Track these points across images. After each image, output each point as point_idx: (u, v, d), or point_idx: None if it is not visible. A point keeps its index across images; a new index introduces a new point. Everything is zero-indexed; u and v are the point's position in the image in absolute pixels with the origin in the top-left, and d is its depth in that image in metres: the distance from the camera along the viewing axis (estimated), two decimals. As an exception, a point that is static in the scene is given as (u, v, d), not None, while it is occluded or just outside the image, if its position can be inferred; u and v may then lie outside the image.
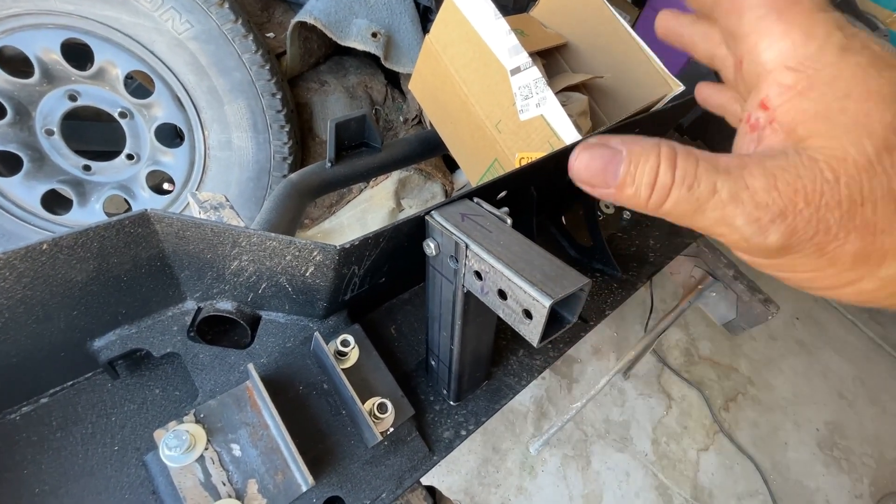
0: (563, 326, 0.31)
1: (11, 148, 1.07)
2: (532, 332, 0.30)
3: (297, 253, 0.33)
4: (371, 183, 1.25)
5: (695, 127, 0.93)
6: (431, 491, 0.47)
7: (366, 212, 1.23)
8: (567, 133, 0.54)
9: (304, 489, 0.35)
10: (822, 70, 0.19)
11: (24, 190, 1.11)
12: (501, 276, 0.31)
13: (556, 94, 0.56)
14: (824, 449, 1.73)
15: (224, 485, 0.34)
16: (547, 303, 0.27)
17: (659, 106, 0.65)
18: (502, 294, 0.31)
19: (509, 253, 0.32)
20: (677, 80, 0.63)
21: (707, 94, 0.31)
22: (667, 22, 0.29)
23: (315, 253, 0.33)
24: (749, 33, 0.21)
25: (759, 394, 1.82)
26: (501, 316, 0.32)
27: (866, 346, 2.12)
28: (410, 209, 1.27)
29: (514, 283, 0.30)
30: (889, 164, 0.18)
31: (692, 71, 0.67)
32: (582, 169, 0.21)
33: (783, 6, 0.20)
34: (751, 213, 0.18)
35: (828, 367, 1.97)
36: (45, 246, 0.26)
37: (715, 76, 0.30)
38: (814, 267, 0.19)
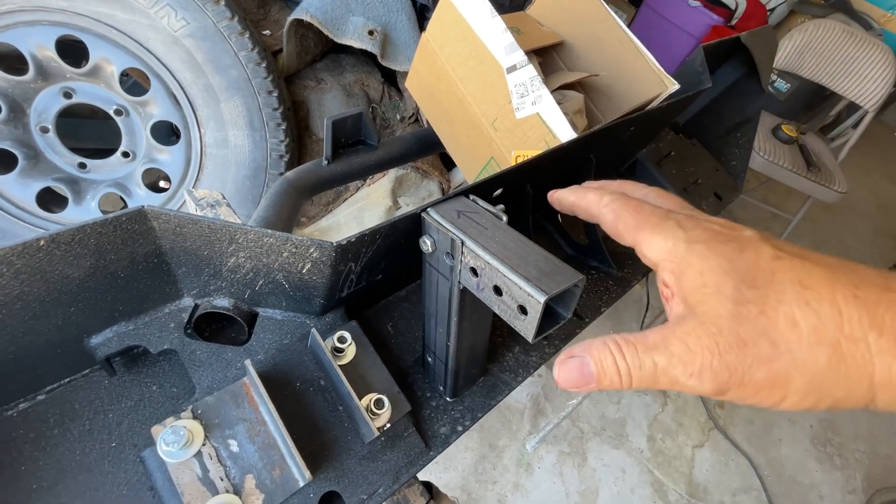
0: (558, 322, 0.31)
1: (6, 145, 1.06)
2: (527, 327, 0.30)
3: (293, 250, 0.33)
4: (368, 181, 1.25)
5: (690, 125, 0.93)
6: (428, 486, 0.47)
7: (363, 210, 1.23)
8: (563, 131, 0.54)
9: (302, 484, 0.35)
10: (682, 259, 0.26)
11: (19, 188, 1.10)
12: (497, 272, 0.31)
13: (552, 92, 0.57)
14: (818, 445, 1.75)
15: (222, 480, 0.34)
16: (541, 298, 0.28)
17: (654, 104, 0.66)
18: (498, 290, 0.32)
19: (505, 249, 0.32)
20: (672, 79, 0.64)
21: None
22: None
23: (312, 250, 0.33)
24: (634, 245, 0.29)
25: (754, 391, 1.84)
26: (497, 312, 0.33)
27: (859, 344, 2.14)
28: (407, 207, 1.27)
29: (509, 279, 0.30)
30: (746, 313, 0.24)
31: (687, 70, 0.67)
32: (567, 382, 0.27)
33: (640, 224, 0.29)
34: (684, 371, 0.24)
35: (821, 364, 1.99)
36: (42, 242, 0.26)
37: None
38: (749, 395, 0.24)
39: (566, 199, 0.36)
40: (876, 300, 0.22)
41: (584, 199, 0.34)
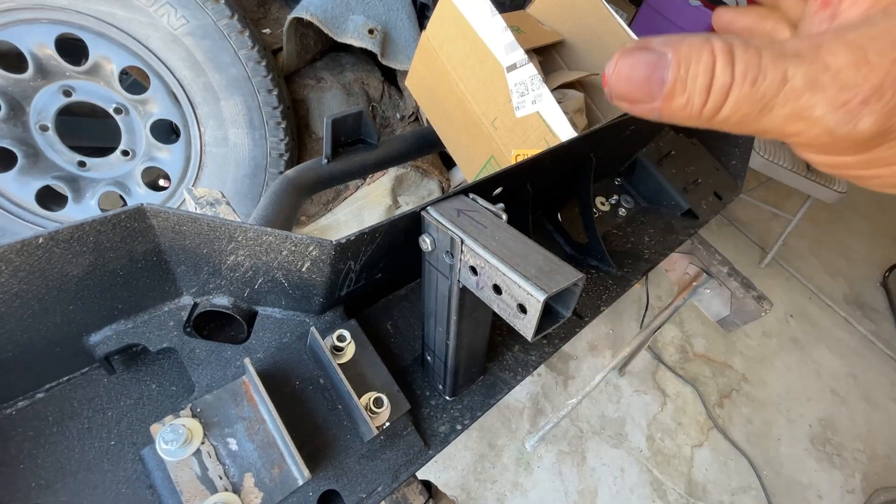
0: (558, 321, 0.31)
1: (5, 144, 1.06)
2: (526, 326, 0.30)
3: (293, 248, 0.33)
4: (367, 180, 1.25)
5: (690, 125, 0.93)
6: (427, 485, 0.47)
7: (362, 209, 1.23)
8: (562, 130, 0.54)
9: (301, 483, 0.35)
10: None
11: (19, 186, 1.10)
12: (496, 270, 0.31)
13: (552, 91, 0.57)
14: (817, 445, 1.75)
15: (221, 478, 0.34)
16: (541, 297, 0.28)
17: (654, 103, 0.65)
18: (497, 289, 0.32)
19: (504, 248, 0.32)
20: (672, 78, 0.64)
21: (728, 20, 0.27)
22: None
23: (311, 248, 0.33)
24: None
25: (753, 390, 1.84)
26: (496, 311, 0.33)
27: (859, 344, 2.14)
28: (407, 206, 1.27)
29: (508, 277, 0.30)
30: None
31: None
32: (622, 81, 0.17)
33: None
34: (836, 98, 0.15)
35: (821, 363, 1.99)
36: (41, 240, 0.26)
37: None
38: None
39: None
40: None
41: None
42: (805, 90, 0.15)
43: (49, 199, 1.15)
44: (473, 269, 0.33)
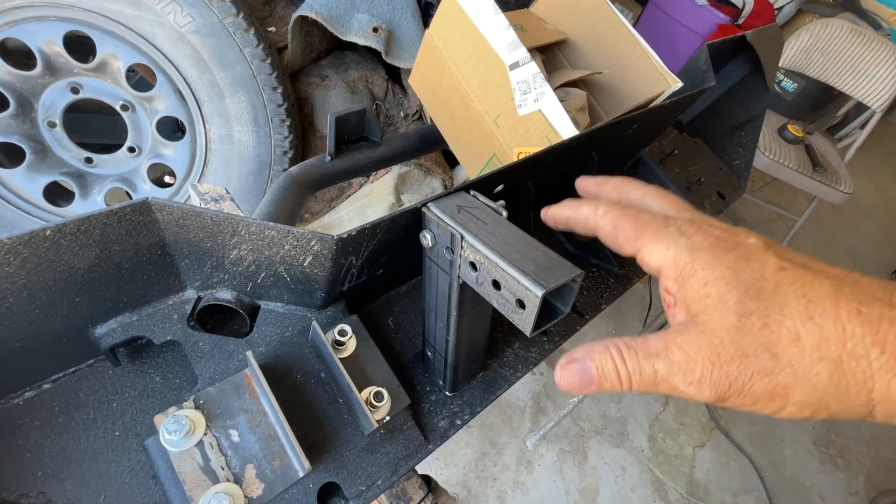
0: (556, 317, 0.31)
1: (14, 140, 1.07)
2: (525, 321, 0.30)
3: (295, 242, 0.34)
4: (371, 178, 1.25)
5: (694, 124, 0.93)
6: (427, 480, 0.48)
7: (366, 206, 1.24)
8: (565, 128, 0.54)
9: (301, 475, 0.35)
10: (684, 268, 0.26)
11: (27, 181, 1.11)
12: (495, 266, 0.31)
13: (555, 89, 0.57)
14: (820, 446, 1.74)
15: (223, 469, 0.34)
16: (539, 292, 0.28)
17: (657, 102, 0.66)
18: (496, 284, 0.32)
19: (504, 244, 0.32)
20: (675, 77, 0.64)
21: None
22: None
23: (313, 242, 0.34)
24: (634, 254, 0.29)
25: (757, 391, 1.83)
26: (496, 306, 0.33)
27: (864, 346, 2.12)
28: (410, 204, 1.27)
29: (507, 273, 0.30)
30: (749, 325, 0.24)
31: (691, 68, 0.67)
32: (568, 386, 0.28)
33: (639, 234, 0.28)
34: (685, 379, 0.24)
35: (825, 365, 1.98)
36: (48, 232, 0.27)
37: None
38: (748, 403, 0.24)
39: (560, 214, 0.35)
40: (879, 316, 0.22)
41: (579, 213, 0.33)
42: (668, 376, 0.25)
43: (56, 194, 1.16)
44: (473, 265, 0.33)
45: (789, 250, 0.26)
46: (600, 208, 0.31)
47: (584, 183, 0.40)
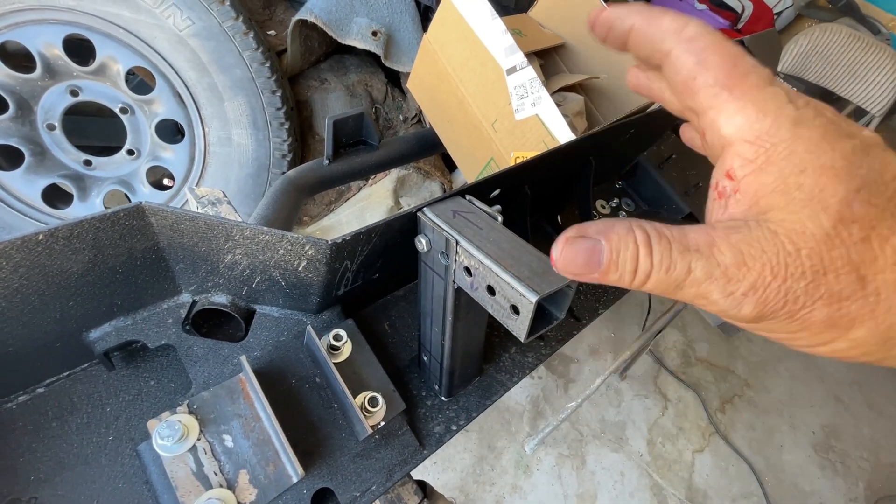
0: (551, 323, 0.31)
1: (13, 142, 1.07)
2: (519, 327, 0.30)
3: (289, 247, 0.34)
4: (370, 181, 1.25)
5: (692, 129, 0.93)
6: (422, 485, 0.47)
7: (364, 209, 1.24)
8: (561, 133, 0.54)
9: (295, 480, 0.35)
10: (778, 145, 0.20)
11: (25, 184, 1.11)
12: (490, 271, 0.31)
13: (553, 94, 0.57)
14: (820, 452, 1.74)
15: (216, 475, 0.34)
16: (533, 298, 0.28)
17: (655, 106, 0.66)
18: (491, 290, 0.32)
19: (498, 249, 0.32)
20: (673, 82, 0.64)
21: (692, 137, 0.31)
22: (636, 78, 0.30)
23: (307, 247, 0.34)
24: (706, 110, 0.22)
25: (756, 396, 1.83)
26: (490, 312, 0.33)
27: (864, 350, 2.12)
28: (409, 207, 1.27)
29: (501, 278, 0.30)
30: (846, 236, 0.19)
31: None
32: (567, 263, 0.22)
33: (733, 83, 0.21)
34: (724, 288, 0.20)
35: (825, 370, 1.98)
36: (41, 236, 0.27)
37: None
38: (788, 330, 0.20)
39: (623, 20, 0.24)
40: None
41: (656, 25, 0.23)
42: (704, 280, 0.20)
43: (55, 197, 1.16)
44: (468, 270, 0.33)
45: None
46: (690, 27, 0.22)
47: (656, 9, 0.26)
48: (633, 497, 1.48)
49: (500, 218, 0.36)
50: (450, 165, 1.35)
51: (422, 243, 0.36)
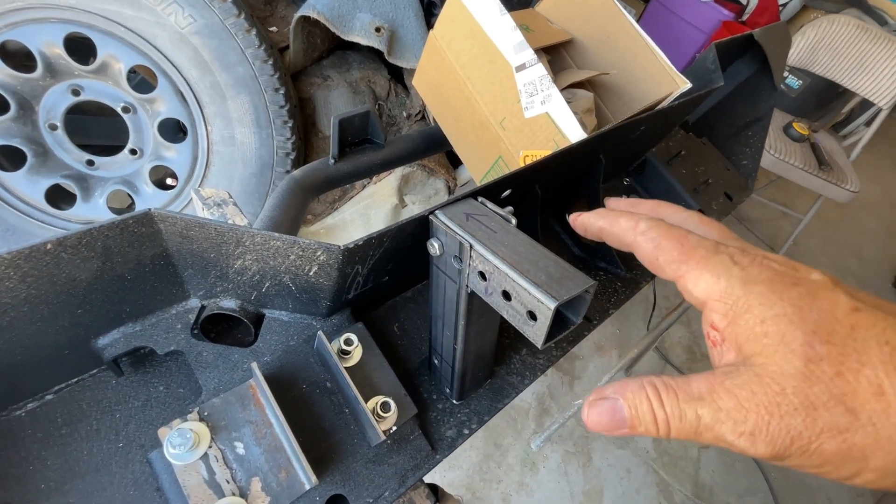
0: (568, 328, 0.30)
1: (15, 143, 1.07)
2: (536, 333, 0.29)
3: (300, 253, 0.33)
4: (374, 179, 1.24)
5: (700, 123, 0.92)
6: (434, 489, 0.47)
7: (369, 208, 1.23)
8: (572, 131, 0.53)
9: (308, 487, 0.35)
10: (737, 301, 0.23)
11: (28, 185, 1.11)
12: (506, 277, 0.30)
13: (562, 90, 0.56)
14: (826, 447, 1.73)
15: (228, 483, 0.34)
16: (552, 305, 0.27)
17: (665, 103, 0.65)
18: (506, 295, 0.31)
19: (514, 254, 0.31)
20: (684, 78, 0.63)
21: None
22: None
23: (319, 253, 0.33)
24: (676, 279, 0.26)
25: (762, 391, 1.82)
26: (505, 317, 0.32)
27: (870, 345, 2.11)
28: (413, 205, 1.27)
29: (518, 284, 0.29)
30: (819, 373, 0.20)
31: (699, 68, 0.66)
32: (596, 426, 0.25)
33: (686, 258, 0.25)
34: (734, 430, 0.21)
35: (831, 365, 1.97)
36: (49, 246, 0.26)
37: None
38: (813, 465, 0.21)
39: (593, 224, 0.32)
40: None
41: (616, 226, 0.30)
42: (713, 424, 0.22)
43: (58, 197, 1.16)
44: (482, 275, 0.33)
45: (857, 290, 0.23)
46: (641, 223, 0.28)
47: (615, 203, 0.36)
48: (639, 493, 1.48)
49: (513, 220, 0.35)
50: (454, 162, 1.34)
51: (434, 247, 0.36)
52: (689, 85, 0.62)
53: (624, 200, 0.36)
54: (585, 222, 0.33)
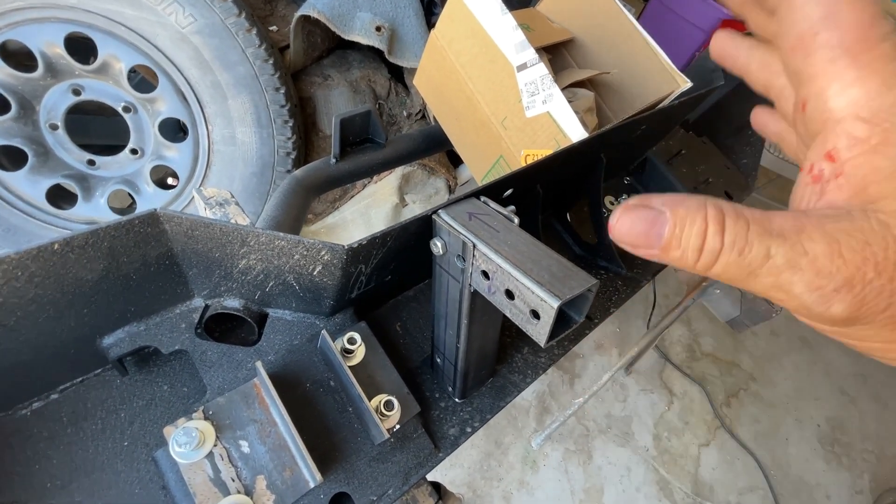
0: (570, 326, 0.31)
1: (16, 142, 1.07)
2: (539, 332, 0.30)
3: (304, 252, 0.33)
4: (374, 178, 1.25)
5: (701, 122, 0.92)
6: (436, 486, 0.47)
7: (369, 207, 1.23)
8: (573, 130, 0.53)
9: (312, 485, 0.35)
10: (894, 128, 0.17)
11: (29, 184, 1.11)
12: (509, 276, 0.31)
13: (563, 90, 0.56)
14: (825, 445, 1.74)
15: (233, 481, 0.34)
16: (555, 304, 0.28)
17: (666, 103, 0.65)
18: (509, 294, 0.31)
19: (517, 253, 0.32)
20: (684, 77, 0.63)
21: (764, 121, 0.29)
22: (723, 43, 0.27)
23: (323, 252, 0.33)
24: (817, 75, 0.19)
25: (761, 390, 1.83)
26: (508, 316, 0.32)
27: (869, 343, 2.12)
28: (414, 204, 1.27)
29: (521, 283, 0.30)
30: None
31: (699, 67, 0.66)
32: (625, 232, 0.20)
33: (859, 50, 0.18)
34: (811, 281, 0.17)
35: (830, 363, 1.97)
36: (56, 246, 0.26)
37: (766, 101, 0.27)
38: (886, 339, 0.18)
39: None
40: None
41: None
42: (785, 268, 0.17)
43: (60, 197, 1.16)
44: (485, 274, 0.33)
45: None
46: None
47: None
48: (639, 491, 1.49)
49: (516, 220, 0.36)
50: (454, 162, 1.34)
51: (437, 246, 0.36)
52: (689, 84, 0.62)
53: None
54: None
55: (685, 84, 0.62)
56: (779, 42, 0.21)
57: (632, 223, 0.20)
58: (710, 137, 0.92)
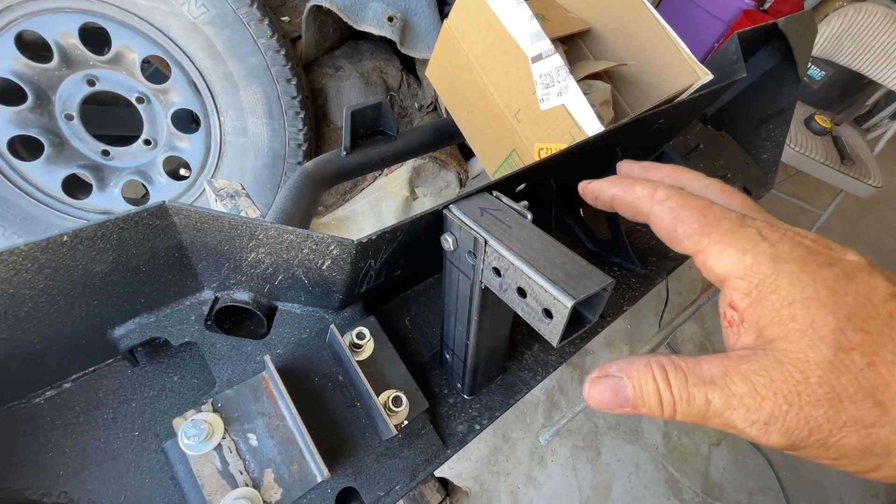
0: (584, 326, 0.30)
1: (32, 132, 1.08)
2: (552, 332, 0.29)
3: (314, 246, 0.33)
4: (385, 171, 1.24)
5: (719, 116, 0.89)
6: (444, 482, 0.47)
7: (380, 200, 1.23)
8: (589, 123, 0.52)
9: (319, 480, 0.35)
10: (763, 281, 0.21)
11: (46, 174, 1.12)
12: (521, 273, 0.30)
13: (578, 82, 0.55)
14: (840, 447, 1.71)
15: (241, 473, 0.34)
16: (569, 303, 0.27)
17: (685, 95, 0.63)
18: (521, 292, 0.31)
19: (530, 250, 0.31)
20: (705, 69, 0.61)
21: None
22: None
23: (332, 247, 0.33)
24: (695, 253, 0.24)
25: (775, 389, 1.80)
26: (520, 314, 0.32)
27: (888, 344, 2.07)
28: (424, 197, 1.26)
29: (534, 281, 0.29)
30: (849, 363, 0.19)
31: (720, 59, 0.64)
32: (597, 403, 0.24)
33: (709, 230, 0.23)
34: (746, 417, 0.20)
35: (847, 364, 1.93)
36: (65, 238, 0.26)
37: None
38: (828, 458, 0.20)
39: (605, 192, 0.29)
40: None
41: (632, 193, 0.27)
42: (724, 409, 0.20)
43: (75, 187, 1.18)
44: (497, 271, 0.32)
45: (892, 273, 0.22)
46: (659, 192, 0.26)
47: (627, 168, 0.33)
48: (648, 489, 1.48)
49: (529, 216, 0.35)
50: (466, 154, 1.33)
51: (448, 242, 0.35)
52: (710, 76, 0.60)
53: (637, 164, 0.32)
54: (596, 190, 0.31)
55: (706, 76, 0.60)
56: (661, 238, 0.27)
57: (600, 394, 0.24)
58: (729, 132, 0.90)
